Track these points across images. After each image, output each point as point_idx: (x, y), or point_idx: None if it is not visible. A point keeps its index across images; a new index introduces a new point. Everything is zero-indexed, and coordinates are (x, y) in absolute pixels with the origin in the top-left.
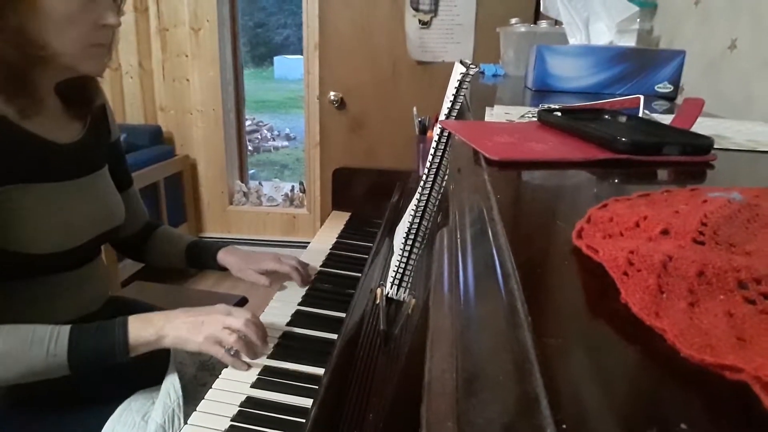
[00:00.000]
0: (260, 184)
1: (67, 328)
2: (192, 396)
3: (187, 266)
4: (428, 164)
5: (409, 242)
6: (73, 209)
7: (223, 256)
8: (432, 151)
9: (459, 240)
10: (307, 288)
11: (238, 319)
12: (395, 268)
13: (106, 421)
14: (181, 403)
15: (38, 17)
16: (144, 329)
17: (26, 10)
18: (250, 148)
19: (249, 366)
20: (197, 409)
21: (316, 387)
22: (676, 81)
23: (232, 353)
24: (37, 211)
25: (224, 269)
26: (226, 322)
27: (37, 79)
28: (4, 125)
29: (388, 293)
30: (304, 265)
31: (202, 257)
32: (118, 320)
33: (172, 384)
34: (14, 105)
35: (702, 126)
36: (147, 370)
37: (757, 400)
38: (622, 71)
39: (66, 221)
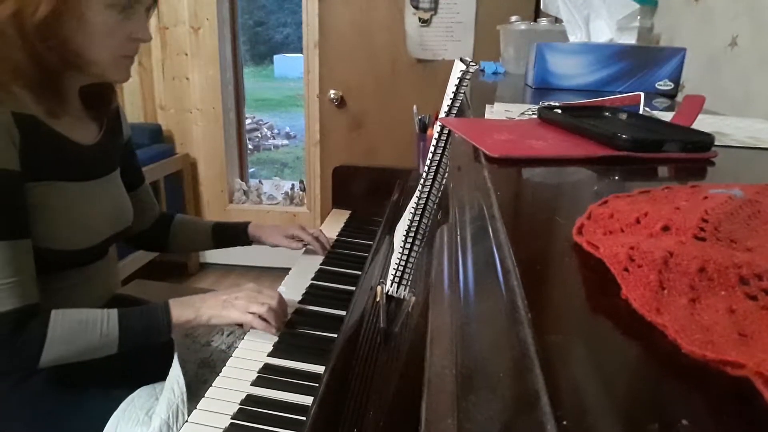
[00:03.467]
0: (260, 182)
1: (114, 311)
2: (194, 393)
3: (212, 247)
4: (428, 162)
5: (410, 240)
6: (92, 209)
7: (254, 230)
8: (432, 148)
9: (459, 237)
10: (307, 286)
11: (270, 297)
12: (395, 266)
13: (110, 417)
14: (185, 399)
15: (82, 30)
16: (184, 310)
17: (74, 23)
18: (250, 146)
19: (277, 330)
20: (198, 406)
21: (317, 385)
22: (676, 78)
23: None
24: (60, 209)
25: (250, 243)
26: (258, 298)
27: (66, 83)
28: (34, 123)
29: (388, 291)
30: (325, 238)
31: (232, 235)
32: (159, 305)
33: (176, 380)
34: (43, 105)
35: (702, 123)
36: (150, 366)
37: (758, 396)
38: (623, 69)
39: (84, 220)
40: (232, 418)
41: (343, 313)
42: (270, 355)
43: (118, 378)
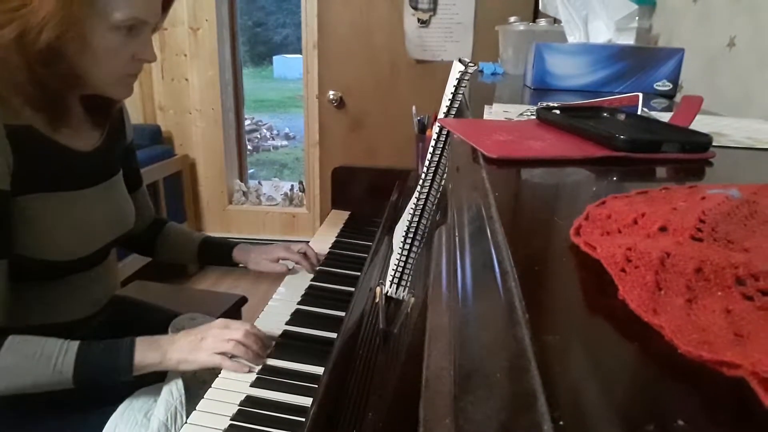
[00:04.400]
0: (260, 183)
1: (75, 344)
2: (193, 394)
3: (198, 263)
4: (427, 163)
5: (408, 241)
6: (91, 216)
7: (238, 254)
8: (431, 149)
9: (457, 238)
10: (306, 287)
11: (237, 330)
12: (394, 267)
13: (108, 419)
14: (184, 401)
15: (86, 53)
16: (149, 352)
17: (78, 47)
18: (249, 147)
19: (250, 369)
20: (197, 408)
21: (316, 386)
22: (674, 79)
23: (230, 358)
24: (57, 219)
25: (236, 265)
26: (224, 335)
27: (68, 97)
28: (32, 135)
29: (387, 292)
30: (313, 252)
31: (216, 255)
32: (125, 342)
33: (174, 382)
34: (43, 116)
35: (701, 123)
36: None
37: (754, 396)
38: (621, 69)
39: (84, 228)
40: (231, 420)
41: (343, 313)
42: (269, 356)
43: None
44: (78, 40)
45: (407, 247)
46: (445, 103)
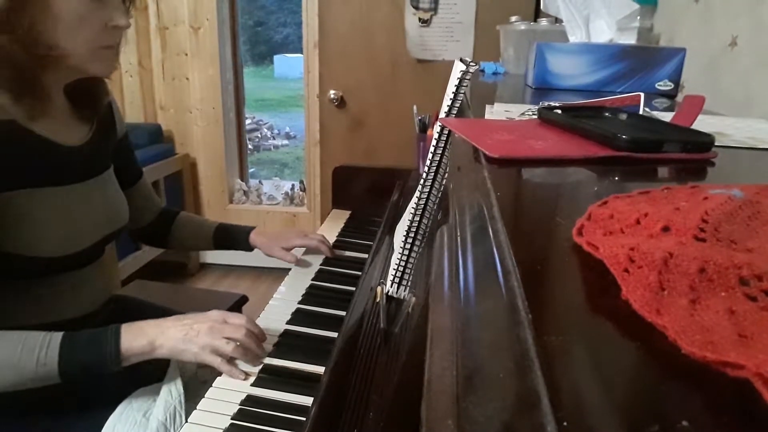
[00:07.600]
0: (260, 182)
1: (59, 336)
2: (193, 393)
3: (213, 248)
4: (428, 162)
5: (410, 240)
6: (80, 213)
7: (254, 238)
8: (432, 149)
9: (459, 238)
10: (307, 287)
11: (235, 327)
12: (395, 267)
13: (107, 419)
14: (183, 401)
15: (48, 18)
16: (136, 339)
17: (37, 10)
18: (250, 146)
19: (246, 375)
20: (198, 407)
21: (317, 385)
22: (676, 78)
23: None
24: (45, 215)
25: (251, 249)
26: (224, 332)
27: (46, 80)
28: (14, 129)
29: (388, 291)
30: (326, 248)
31: (232, 239)
32: (110, 329)
33: (173, 381)
34: (22, 106)
35: (702, 123)
36: (148, 367)
37: (758, 397)
38: (623, 69)
39: (73, 225)
40: (231, 419)
41: (343, 313)
42: (270, 355)
43: (115, 379)
44: (39, 4)
45: (408, 246)
46: (447, 102)
